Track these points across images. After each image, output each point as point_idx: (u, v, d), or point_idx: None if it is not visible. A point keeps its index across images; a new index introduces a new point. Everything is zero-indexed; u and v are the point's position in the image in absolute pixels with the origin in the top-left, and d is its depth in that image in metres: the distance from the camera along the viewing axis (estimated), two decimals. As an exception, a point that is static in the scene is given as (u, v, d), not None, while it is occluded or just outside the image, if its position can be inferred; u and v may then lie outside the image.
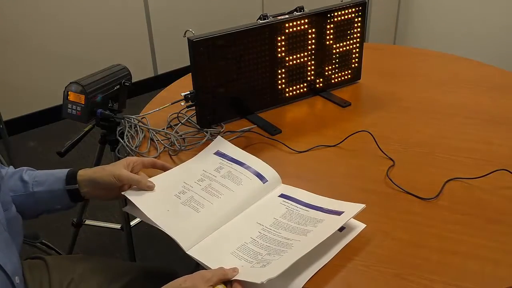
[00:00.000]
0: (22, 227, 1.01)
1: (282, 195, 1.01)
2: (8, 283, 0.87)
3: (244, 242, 0.89)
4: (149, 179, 1.01)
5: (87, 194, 1.01)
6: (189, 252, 0.87)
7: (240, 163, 1.08)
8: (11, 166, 1.05)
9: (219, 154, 1.12)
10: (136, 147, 1.18)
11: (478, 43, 2.94)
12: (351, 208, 0.93)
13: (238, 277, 0.80)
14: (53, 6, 2.71)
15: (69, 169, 1.03)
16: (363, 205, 0.93)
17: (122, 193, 0.99)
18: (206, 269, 0.82)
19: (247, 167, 1.07)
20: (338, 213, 0.93)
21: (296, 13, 1.30)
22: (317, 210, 0.96)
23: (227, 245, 0.88)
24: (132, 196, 0.97)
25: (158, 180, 1.02)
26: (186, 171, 1.07)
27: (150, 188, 0.99)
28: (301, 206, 0.97)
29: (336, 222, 0.90)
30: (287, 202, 0.99)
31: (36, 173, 1.03)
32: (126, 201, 1.00)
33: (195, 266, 0.88)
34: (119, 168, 0.99)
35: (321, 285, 0.82)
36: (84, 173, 1.01)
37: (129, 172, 1.00)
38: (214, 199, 0.98)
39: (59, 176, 1.01)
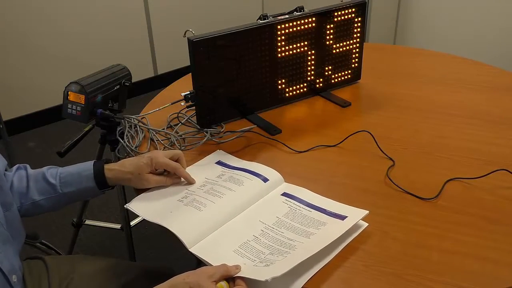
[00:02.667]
0: (24, 228, 1.01)
1: (284, 194, 1.02)
2: (5, 281, 0.87)
3: (247, 239, 0.89)
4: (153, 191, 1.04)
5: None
6: (192, 250, 0.87)
7: (242, 169, 1.09)
8: (13, 168, 1.05)
9: (220, 163, 1.13)
10: (136, 147, 1.18)
11: (478, 43, 2.94)
12: (354, 214, 0.94)
13: (241, 274, 0.80)
14: (53, 6, 2.71)
15: (93, 165, 1.04)
16: (366, 211, 0.94)
17: (125, 206, 1.01)
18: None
19: (248, 171, 1.08)
20: (342, 217, 0.93)
21: (296, 13, 1.30)
22: (320, 211, 0.96)
23: (229, 243, 0.89)
24: (136, 208, 0.99)
25: (161, 189, 1.04)
26: None
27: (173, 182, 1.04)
28: (304, 206, 0.98)
29: (339, 228, 0.90)
30: (290, 201, 0.99)
31: (60, 173, 1.05)
32: (127, 200, 1.00)
33: (195, 265, 0.88)
34: (144, 177, 1.02)
35: (321, 285, 0.82)
36: (112, 176, 1.04)
37: (154, 176, 1.03)
38: (216, 199, 0.99)
39: (87, 175, 1.03)
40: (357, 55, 1.45)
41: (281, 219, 0.94)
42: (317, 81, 1.42)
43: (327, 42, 1.38)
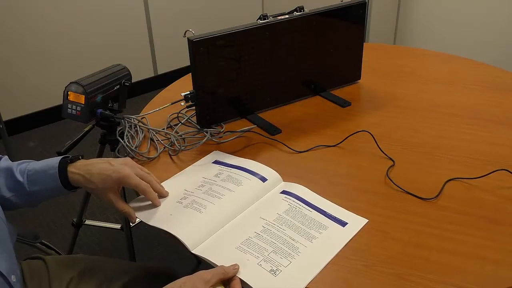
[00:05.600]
0: (14, 225, 0.99)
1: (283, 192, 1.02)
2: (4, 282, 0.86)
3: (249, 236, 0.89)
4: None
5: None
6: (195, 251, 0.87)
7: (239, 168, 1.09)
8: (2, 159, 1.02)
9: (217, 162, 1.13)
10: (136, 147, 1.18)
11: (478, 43, 2.94)
12: (354, 221, 0.94)
13: (243, 274, 0.80)
14: (53, 6, 2.71)
15: (58, 164, 0.97)
16: (366, 220, 0.94)
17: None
18: (212, 267, 0.82)
19: (246, 170, 1.08)
20: (342, 223, 0.94)
21: (296, 13, 1.30)
22: (320, 212, 0.96)
23: (231, 241, 0.89)
24: (135, 211, 0.98)
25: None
26: (185, 179, 1.07)
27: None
28: (304, 205, 0.98)
29: (341, 236, 0.91)
30: (289, 199, 0.99)
31: (28, 170, 0.98)
32: (127, 201, 1.00)
33: (195, 265, 0.88)
34: (109, 196, 0.97)
35: (321, 285, 0.82)
36: (75, 181, 0.97)
37: (120, 201, 0.98)
38: (215, 200, 0.99)
39: (52, 174, 0.97)
40: (357, 55, 1.45)
41: (282, 215, 0.95)
42: (317, 81, 1.42)
43: (327, 42, 1.38)
